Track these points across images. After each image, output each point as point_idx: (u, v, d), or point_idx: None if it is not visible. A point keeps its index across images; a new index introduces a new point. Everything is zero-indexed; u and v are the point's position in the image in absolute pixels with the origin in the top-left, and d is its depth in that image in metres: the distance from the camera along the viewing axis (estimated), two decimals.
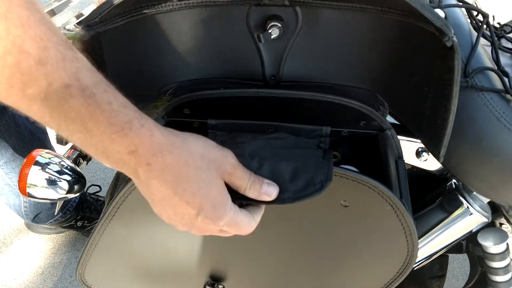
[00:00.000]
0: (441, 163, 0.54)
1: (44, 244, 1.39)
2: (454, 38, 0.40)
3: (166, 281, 0.64)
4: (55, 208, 1.24)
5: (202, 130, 0.61)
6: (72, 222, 1.33)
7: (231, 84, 0.60)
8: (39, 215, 1.24)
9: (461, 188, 0.64)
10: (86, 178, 1.69)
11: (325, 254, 0.56)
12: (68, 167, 0.67)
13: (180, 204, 0.41)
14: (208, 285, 0.61)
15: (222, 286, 0.62)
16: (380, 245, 0.54)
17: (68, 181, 0.67)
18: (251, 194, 0.45)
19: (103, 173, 1.62)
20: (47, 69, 0.32)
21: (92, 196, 1.39)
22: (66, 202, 1.27)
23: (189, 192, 0.41)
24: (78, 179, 0.67)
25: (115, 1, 0.45)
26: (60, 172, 0.66)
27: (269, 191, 0.45)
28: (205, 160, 0.42)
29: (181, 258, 0.60)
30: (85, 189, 1.38)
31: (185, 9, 0.52)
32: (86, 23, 0.45)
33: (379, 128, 0.58)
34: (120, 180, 0.57)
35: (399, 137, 0.59)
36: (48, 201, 0.68)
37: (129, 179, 0.51)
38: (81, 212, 1.33)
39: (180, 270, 0.61)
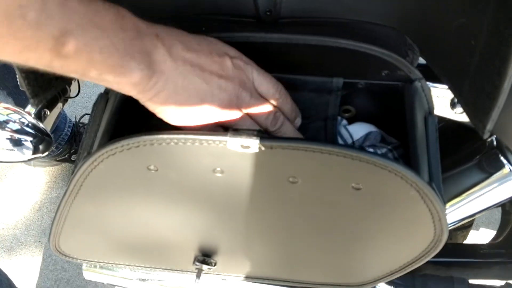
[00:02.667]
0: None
1: (40, 178, 1.36)
2: None
3: (151, 254, 0.58)
4: None
5: None
6: (66, 156, 1.29)
7: (215, 23, 0.49)
8: None
9: (504, 146, 0.54)
10: (80, 104, 1.62)
11: (332, 233, 0.49)
12: (30, 125, 0.59)
13: (212, 59, 0.42)
14: (198, 261, 0.56)
15: (214, 261, 0.56)
16: (400, 229, 0.46)
17: (30, 141, 0.59)
18: None
19: None
20: None
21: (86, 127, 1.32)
22: (57, 135, 1.21)
23: (211, 46, 0.42)
24: (42, 138, 0.60)
25: None
26: (21, 131, 0.59)
27: None
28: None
29: (165, 233, 0.53)
30: (78, 120, 1.32)
31: None
32: None
33: (405, 78, 0.47)
34: (82, 150, 0.48)
35: (428, 83, 0.49)
36: (9, 163, 0.61)
37: (88, 154, 0.43)
38: (75, 145, 1.27)
39: (165, 244, 0.56)
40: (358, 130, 0.51)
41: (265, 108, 0.45)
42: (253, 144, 0.38)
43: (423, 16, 0.43)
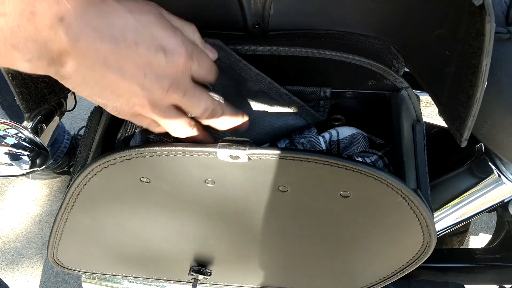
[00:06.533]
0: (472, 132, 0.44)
1: (40, 191, 1.37)
2: None
3: (148, 264, 0.59)
4: None
5: None
6: (65, 168, 1.29)
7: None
8: None
9: (492, 152, 0.55)
10: (79, 117, 1.63)
11: (323, 240, 0.50)
12: (27, 139, 0.60)
13: (138, 52, 0.34)
14: (193, 270, 0.57)
15: (209, 271, 0.57)
16: (389, 235, 0.47)
17: (28, 155, 0.60)
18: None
19: None
20: None
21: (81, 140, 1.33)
22: (56, 148, 1.22)
23: (140, 34, 0.34)
24: (39, 152, 0.61)
25: None
26: (18, 146, 0.60)
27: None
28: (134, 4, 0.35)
29: (160, 243, 0.54)
30: (76, 132, 1.33)
31: None
32: None
33: (392, 87, 0.48)
34: (77, 163, 0.49)
35: (416, 91, 0.50)
36: (8, 177, 0.62)
37: (82, 167, 0.44)
38: (73, 158, 1.28)
39: (161, 254, 0.56)
40: (345, 131, 0.52)
41: (200, 104, 0.39)
42: (242, 155, 0.39)
43: (406, 27, 0.44)
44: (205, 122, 0.41)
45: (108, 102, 0.36)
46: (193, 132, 0.41)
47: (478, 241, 1.30)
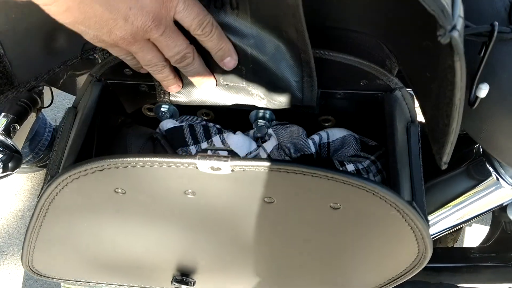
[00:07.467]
0: (470, 135, 0.42)
1: (22, 185, 1.34)
2: (455, 33, 0.26)
3: (129, 272, 0.57)
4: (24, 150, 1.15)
5: (152, 95, 0.50)
6: (47, 162, 1.26)
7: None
8: None
9: (490, 155, 0.52)
10: (61, 106, 1.57)
11: (312, 251, 0.47)
12: None
13: None
14: (176, 280, 0.54)
15: (192, 281, 0.54)
16: (383, 246, 0.45)
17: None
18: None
19: None
20: None
21: (54, 143, 1.29)
22: (37, 141, 1.18)
23: None
24: (11, 156, 0.57)
25: None
26: None
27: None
28: None
29: (140, 252, 0.52)
30: (58, 124, 1.29)
31: None
32: None
33: (385, 88, 0.46)
34: (49, 170, 0.46)
35: (410, 91, 0.47)
36: None
37: (52, 177, 0.42)
38: None
39: (142, 263, 0.54)
40: (336, 133, 0.50)
41: (174, 45, 0.41)
42: (224, 166, 0.37)
43: (398, 29, 0.41)
44: (176, 65, 0.43)
45: (90, 31, 0.37)
46: (164, 71, 0.44)
47: (472, 235, 1.29)
